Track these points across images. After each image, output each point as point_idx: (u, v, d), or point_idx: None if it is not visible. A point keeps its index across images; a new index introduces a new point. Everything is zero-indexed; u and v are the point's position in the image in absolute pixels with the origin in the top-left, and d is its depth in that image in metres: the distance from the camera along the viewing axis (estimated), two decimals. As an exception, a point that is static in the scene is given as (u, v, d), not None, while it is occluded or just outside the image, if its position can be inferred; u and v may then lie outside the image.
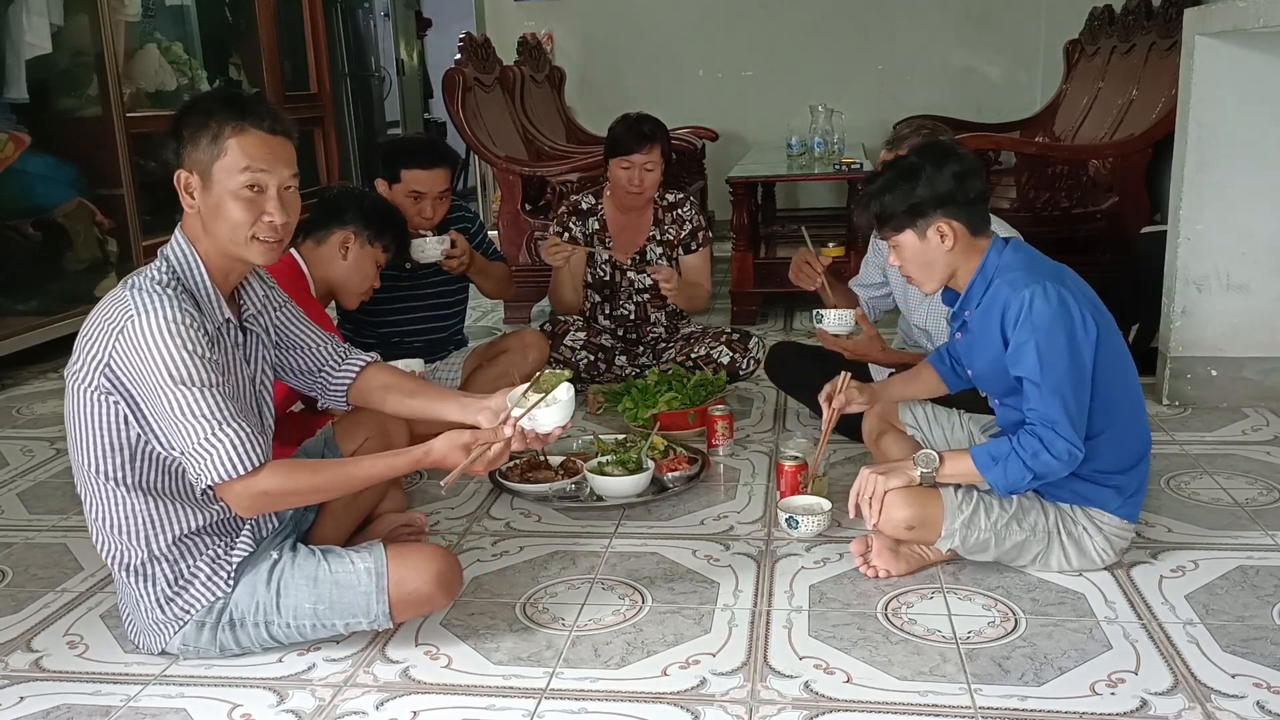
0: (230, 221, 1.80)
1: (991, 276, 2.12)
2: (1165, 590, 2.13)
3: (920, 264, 2.15)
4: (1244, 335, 3.24)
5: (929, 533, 2.17)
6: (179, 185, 1.82)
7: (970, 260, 2.13)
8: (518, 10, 7.10)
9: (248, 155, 1.79)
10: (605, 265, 3.48)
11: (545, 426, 1.90)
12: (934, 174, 2.07)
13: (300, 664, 1.95)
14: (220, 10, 5.95)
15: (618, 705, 1.80)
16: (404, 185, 3.05)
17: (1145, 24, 5.00)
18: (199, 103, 1.86)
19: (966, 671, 1.86)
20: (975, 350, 2.20)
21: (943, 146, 2.19)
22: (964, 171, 2.09)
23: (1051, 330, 2.02)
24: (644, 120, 3.38)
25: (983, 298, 2.13)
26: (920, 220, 2.10)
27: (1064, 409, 2.01)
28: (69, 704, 1.86)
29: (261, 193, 1.81)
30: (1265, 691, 1.77)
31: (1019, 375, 2.06)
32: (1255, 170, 3.12)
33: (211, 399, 1.74)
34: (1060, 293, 2.04)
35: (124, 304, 1.77)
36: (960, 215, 2.09)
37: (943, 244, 2.10)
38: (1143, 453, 2.20)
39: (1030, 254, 2.15)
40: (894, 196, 2.10)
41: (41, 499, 2.86)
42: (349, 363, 2.11)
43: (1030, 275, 2.06)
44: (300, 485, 1.84)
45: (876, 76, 6.96)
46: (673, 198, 3.52)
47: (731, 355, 3.40)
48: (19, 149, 4.29)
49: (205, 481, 1.77)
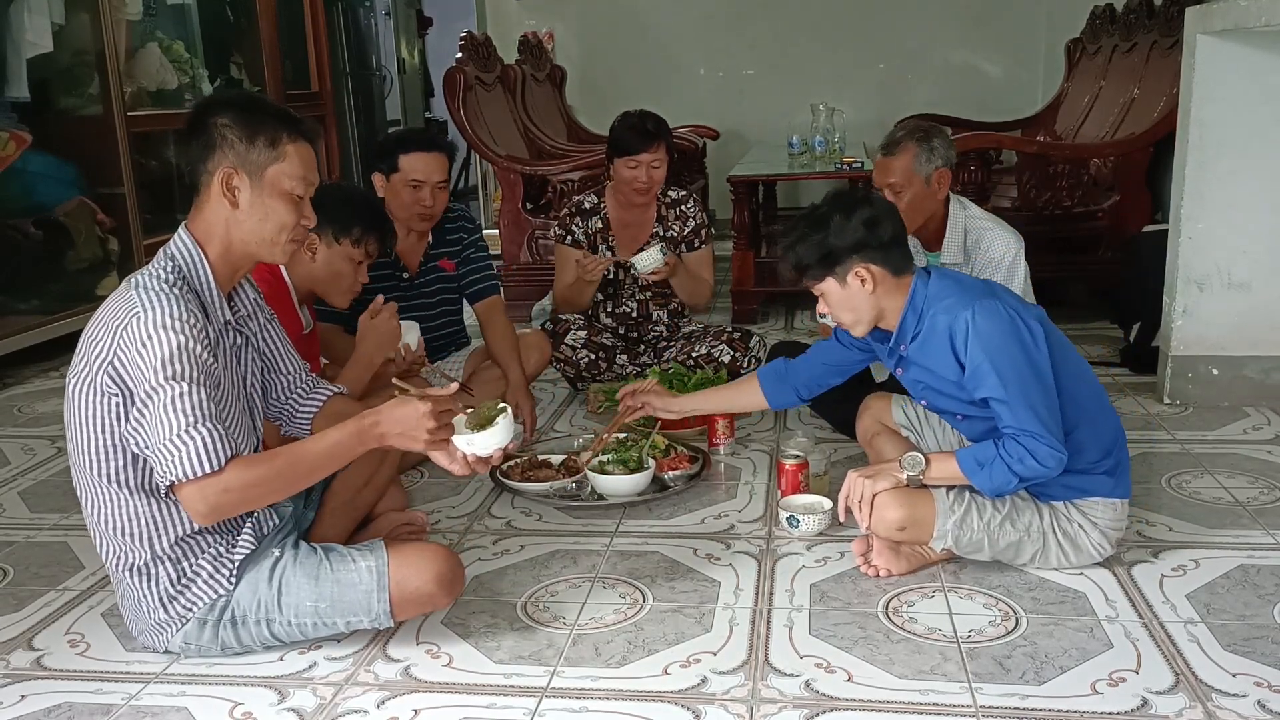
0: (277, 223, 1.86)
1: (921, 308, 2.13)
2: (1166, 589, 2.13)
3: (846, 309, 2.17)
4: (1245, 334, 3.24)
5: (921, 533, 2.17)
6: (221, 182, 1.83)
7: (896, 299, 2.15)
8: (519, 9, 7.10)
9: (304, 164, 1.88)
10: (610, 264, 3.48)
11: (483, 450, 1.90)
12: (842, 222, 2.10)
13: (301, 662, 1.95)
14: (221, 9, 5.95)
15: (619, 704, 1.80)
16: (402, 174, 3.02)
17: (1146, 23, 5.00)
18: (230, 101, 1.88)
19: (967, 670, 1.86)
20: (924, 382, 2.21)
21: (851, 195, 2.24)
22: (874, 217, 2.11)
23: (1002, 344, 2.04)
24: (646, 118, 3.37)
25: (917, 329, 2.15)
26: (838, 267, 2.12)
27: (1037, 418, 2.01)
28: (70, 702, 1.86)
29: (303, 200, 1.89)
30: (1266, 690, 1.77)
31: (984, 397, 2.07)
32: (1256, 169, 3.12)
33: (194, 396, 1.73)
34: (996, 306, 2.06)
35: (129, 302, 1.77)
36: (876, 259, 2.11)
37: (864, 288, 2.12)
38: (1117, 433, 2.21)
39: (956, 277, 2.18)
40: (806, 247, 2.13)
41: (43, 497, 2.87)
42: (316, 392, 2.14)
43: (963, 298, 2.08)
44: (259, 474, 1.78)
45: (878, 75, 6.97)
46: (675, 194, 3.52)
47: (733, 354, 3.40)
48: (20, 148, 4.30)
49: (169, 478, 1.74)
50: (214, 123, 1.83)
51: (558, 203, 4.80)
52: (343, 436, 1.84)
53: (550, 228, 4.74)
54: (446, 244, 3.23)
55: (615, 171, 3.37)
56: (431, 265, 3.22)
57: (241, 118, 1.84)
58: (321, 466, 1.87)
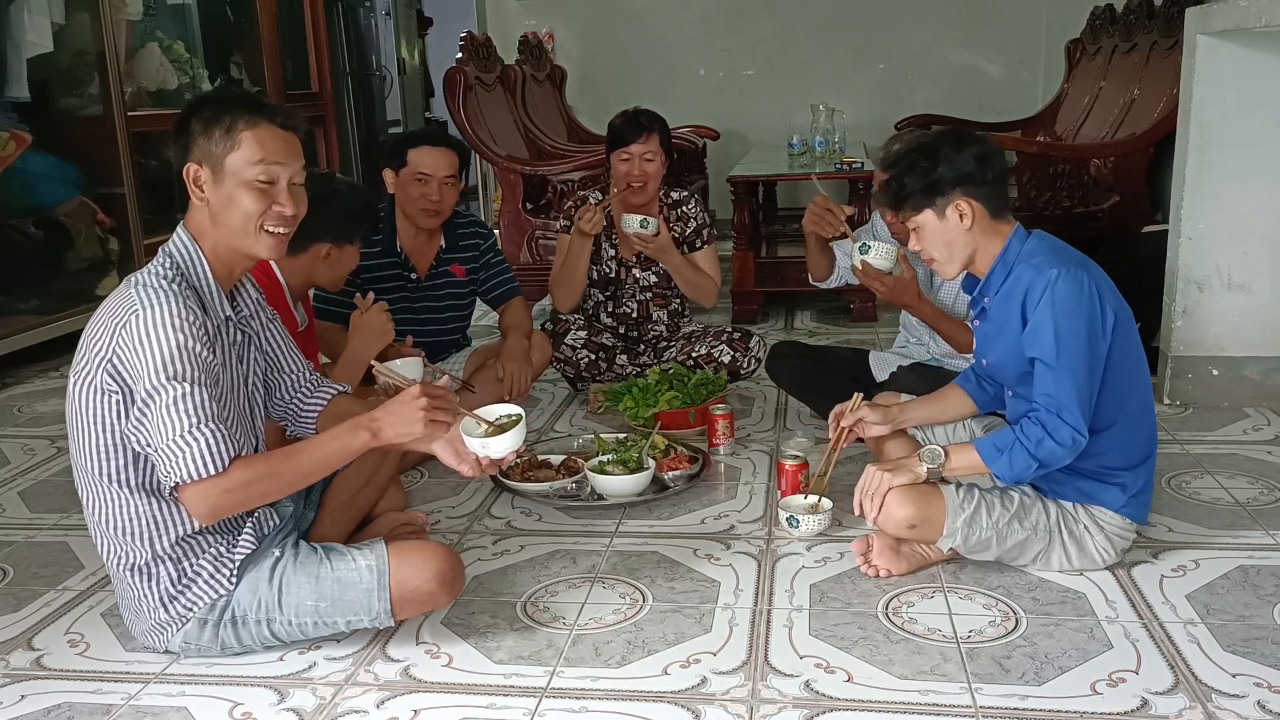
0: (242, 212, 1.83)
1: (1013, 263, 2.13)
2: (1166, 590, 2.13)
3: (940, 244, 2.16)
4: (1245, 335, 3.24)
5: (931, 531, 2.17)
6: (188, 178, 1.84)
7: (991, 243, 2.15)
8: (519, 9, 7.10)
9: (262, 147, 1.83)
10: (611, 262, 3.48)
11: (496, 453, 1.91)
12: (952, 154, 2.10)
13: (301, 662, 1.95)
14: (221, 9, 5.96)
15: (618, 704, 1.80)
16: (410, 168, 3.04)
17: (1147, 23, 5.00)
18: (208, 98, 1.88)
19: (967, 671, 1.86)
20: (992, 337, 2.21)
21: (962, 131, 2.22)
22: (984, 154, 2.11)
23: (1072, 313, 2.03)
24: (640, 112, 3.38)
25: (1003, 284, 2.14)
26: (939, 199, 2.11)
27: (1074, 392, 2.01)
28: (70, 702, 1.86)
29: (273, 184, 1.84)
30: (1266, 691, 1.77)
31: (1033, 356, 2.06)
32: (1256, 169, 3.12)
33: (196, 397, 1.73)
34: (1084, 279, 2.06)
35: (129, 300, 1.78)
36: (979, 195, 2.11)
37: (961, 223, 2.11)
38: (1148, 453, 2.20)
39: (1055, 243, 2.17)
40: (913, 176, 2.12)
41: (42, 497, 2.87)
42: (320, 391, 2.13)
43: (1054, 258, 2.08)
44: (259, 473, 1.79)
45: (878, 76, 6.96)
46: (677, 195, 3.52)
47: (733, 354, 3.40)
48: (20, 148, 4.30)
49: (173, 479, 1.75)
50: (189, 122, 1.84)
51: (558, 203, 4.80)
52: (341, 432, 1.85)
53: (550, 227, 4.76)
54: (459, 249, 3.25)
55: (612, 170, 3.38)
56: (442, 270, 3.23)
57: (208, 112, 1.83)
58: (321, 466, 1.87)
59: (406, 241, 3.17)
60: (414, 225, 3.14)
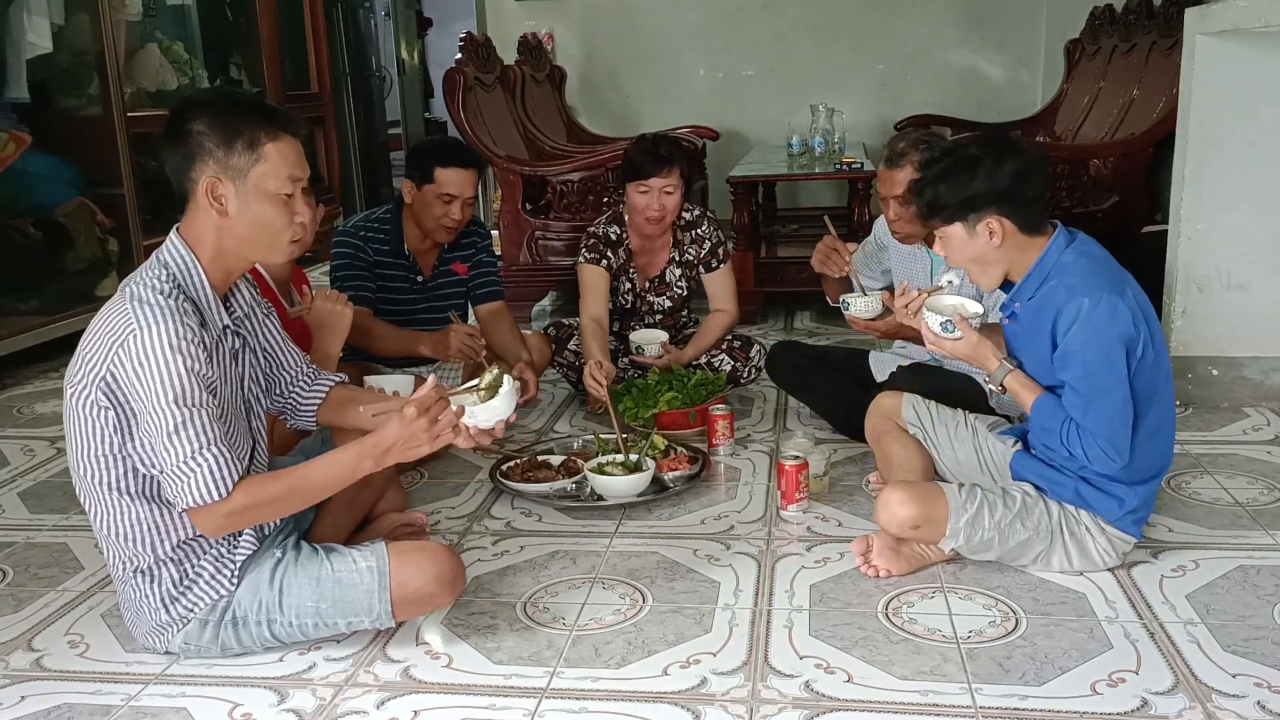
0: (271, 225, 1.83)
1: (1048, 273, 2.09)
2: (1166, 590, 2.13)
3: (967, 259, 2.13)
4: (1244, 335, 3.24)
5: (933, 532, 2.16)
6: (207, 192, 1.80)
7: (1025, 255, 2.11)
8: (518, 10, 7.09)
9: (285, 161, 1.83)
10: (628, 294, 3.42)
11: (485, 422, 1.90)
12: (993, 169, 2.04)
13: (301, 663, 1.95)
14: (221, 9, 5.95)
15: (618, 705, 1.80)
16: (436, 186, 3.02)
17: (1146, 23, 5.00)
18: (199, 102, 1.85)
19: (967, 671, 1.86)
20: (1022, 343, 2.19)
21: (1006, 140, 2.15)
22: (1025, 170, 2.05)
23: (1106, 346, 2.00)
24: (660, 141, 3.27)
25: (1036, 292, 2.11)
26: (971, 215, 2.07)
27: (1105, 423, 2.01)
28: (70, 703, 1.86)
29: (292, 196, 1.85)
30: (1266, 691, 1.78)
31: (1064, 380, 2.06)
32: (1256, 169, 3.12)
33: (200, 420, 1.74)
34: (1116, 306, 2.01)
35: (125, 316, 1.75)
36: (1013, 214, 2.06)
37: (991, 240, 2.08)
38: (1155, 473, 2.19)
39: (1093, 258, 2.10)
40: (949, 187, 2.06)
41: (42, 498, 2.86)
42: (319, 383, 2.13)
43: (1088, 283, 2.03)
44: (264, 496, 1.81)
45: (877, 76, 6.96)
46: (689, 215, 3.41)
47: (733, 364, 3.38)
48: (20, 148, 4.29)
49: (181, 504, 1.78)
50: (191, 130, 1.79)
51: (557, 203, 4.80)
52: (346, 459, 1.85)
53: (550, 228, 4.76)
54: (460, 248, 3.26)
55: (627, 197, 3.27)
56: (445, 269, 3.25)
57: (217, 122, 1.79)
58: (325, 488, 1.89)
59: (413, 245, 3.18)
60: (424, 235, 3.15)
